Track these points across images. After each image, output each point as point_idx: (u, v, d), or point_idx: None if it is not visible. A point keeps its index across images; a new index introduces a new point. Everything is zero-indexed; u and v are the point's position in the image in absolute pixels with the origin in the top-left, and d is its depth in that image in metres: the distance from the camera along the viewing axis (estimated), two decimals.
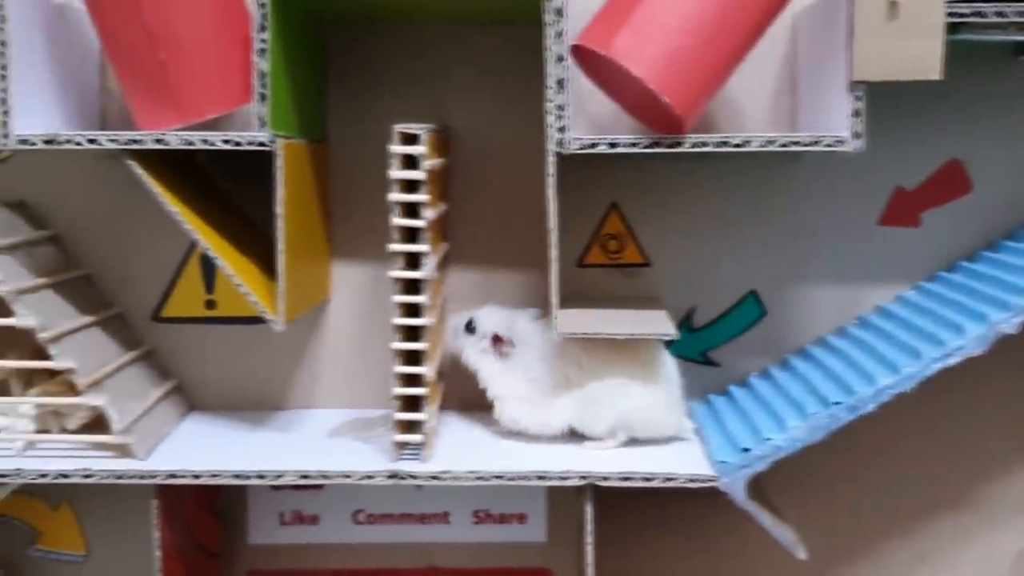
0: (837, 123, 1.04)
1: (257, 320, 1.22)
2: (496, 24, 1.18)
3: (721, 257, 1.21)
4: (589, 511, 1.05)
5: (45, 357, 1.13)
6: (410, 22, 1.18)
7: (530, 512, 1.25)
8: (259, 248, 1.14)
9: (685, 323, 1.21)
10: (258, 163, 1.06)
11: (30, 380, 1.17)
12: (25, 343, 1.17)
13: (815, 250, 1.21)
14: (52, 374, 1.16)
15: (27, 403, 1.10)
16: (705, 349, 1.22)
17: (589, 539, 1.06)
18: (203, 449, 1.11)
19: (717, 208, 1.21)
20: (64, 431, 1.12)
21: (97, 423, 1.12)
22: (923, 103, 1.16)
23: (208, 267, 1.21)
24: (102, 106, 1.19)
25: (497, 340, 1.13)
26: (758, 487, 1.09)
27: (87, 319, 1.12)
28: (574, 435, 1.13)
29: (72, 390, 1.13)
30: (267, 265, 1.11)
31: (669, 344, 1.15)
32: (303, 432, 1.17)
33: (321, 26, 1.16)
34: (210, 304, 1.22)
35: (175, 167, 1.08)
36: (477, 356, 1.14)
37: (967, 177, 1.20)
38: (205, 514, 1.20)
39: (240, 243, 1.09)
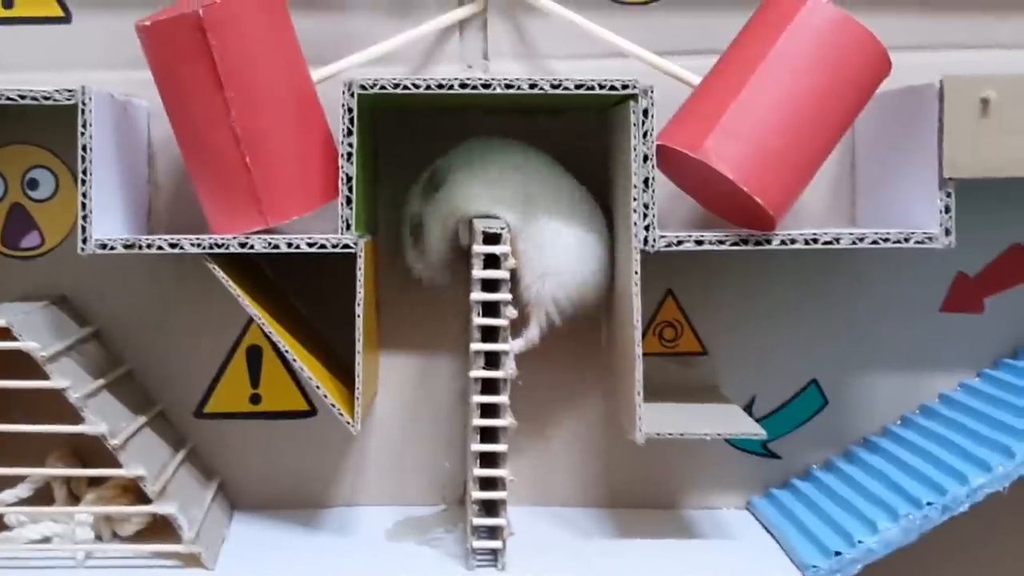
0: (911, 217, 1.11)
1: (301, 415, 1.26)
2: (544, 114, 1.23)
3: (780, 345, 1.26)
4: None
5: (85, 455, 1.18)
6: (461, 113, 1.23)
7: None
8: (315, 343, 1.18)
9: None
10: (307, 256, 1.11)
11: (70, 482, 1.21)
12: (64, 445, 1.22)
13: (876, 338, 1.26)
14: (94, 479, 1.19)
15: (86, 512, 1.12)
16: (766, 441, 1.27)
17: None
18: (263, 555, 1.14)
19: (776, 294, 1.26)
20: (115, 536, 1.16)
21: (151, 528, 1.15)
22: (984, 187, 1.19)
23: (254, 360, 1.25)
24: (149, 199, 1.23)
25: None
26: None
27: (140, 420, 1.15)
28: None
29: (125, 495, 1.17)
30: (325, 360, 1.16)
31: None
32: (360, 534, 1.20)
33: (373, 118, 1.21)
34: (255, 399, 1.26)
35: (238, 263, 1.13)
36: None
37: None
38: None
39: (303, 340, 1.14)
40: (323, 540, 1.19)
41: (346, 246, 1.07)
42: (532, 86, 1.06)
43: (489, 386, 1.09)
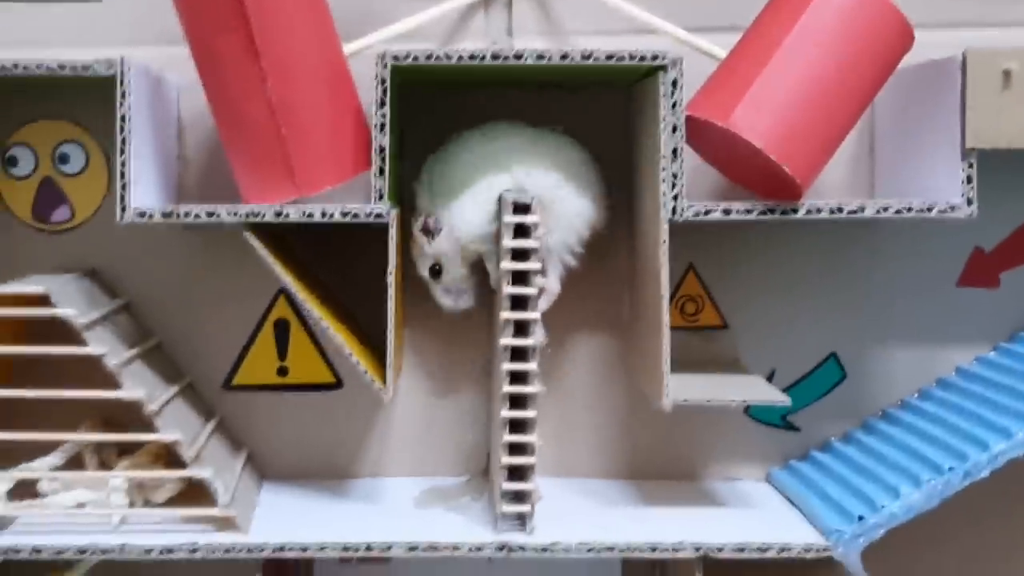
0: (931, 192, 1.13)
1: (328, 387, 1.28)
2: (565, 90, 1.25)
3: (800, 319, 1.28)
4: None
5: (115, 426, 1.19)
6: (484, 89, 1.24)
7: None
8: (343, 315, 1.20)
9: None
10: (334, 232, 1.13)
11: (101, 452, 1.23)
12: (95, 414, 1.23)
13: (894, 312, 1.28)
14: (124, 447, 1.21)
15: (121, 476, 1.14)
16: (785, 413, 1.29)
17: None
18: (294, 519, 1.16)
19: (795, 269, 1.27)
20: (147, 503, 1.17)
21: (183, 496, 1.17)
22: (1000, 163, 1.18)
23: (281, 333, 1.27)
24: (179, 174, 1.25)
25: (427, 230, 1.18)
26: None
27: (172, 390, 1.17)
28: None
29: (158, 462, 1.19)
30: (354, 332, 1.18)
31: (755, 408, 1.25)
32: (388, 501, 1.22)
33: (399, 96, 1.23)
34: (282, 371, 1.28)
35: (270, 235, 1.14)
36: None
37: None
38: None
39: (332, 312, 1.16)
40: (353, 507, 1.21)
41: (379, 216, 1.08)
42: (563, 57, 1.07)
43: (518, 355, 1.10)
